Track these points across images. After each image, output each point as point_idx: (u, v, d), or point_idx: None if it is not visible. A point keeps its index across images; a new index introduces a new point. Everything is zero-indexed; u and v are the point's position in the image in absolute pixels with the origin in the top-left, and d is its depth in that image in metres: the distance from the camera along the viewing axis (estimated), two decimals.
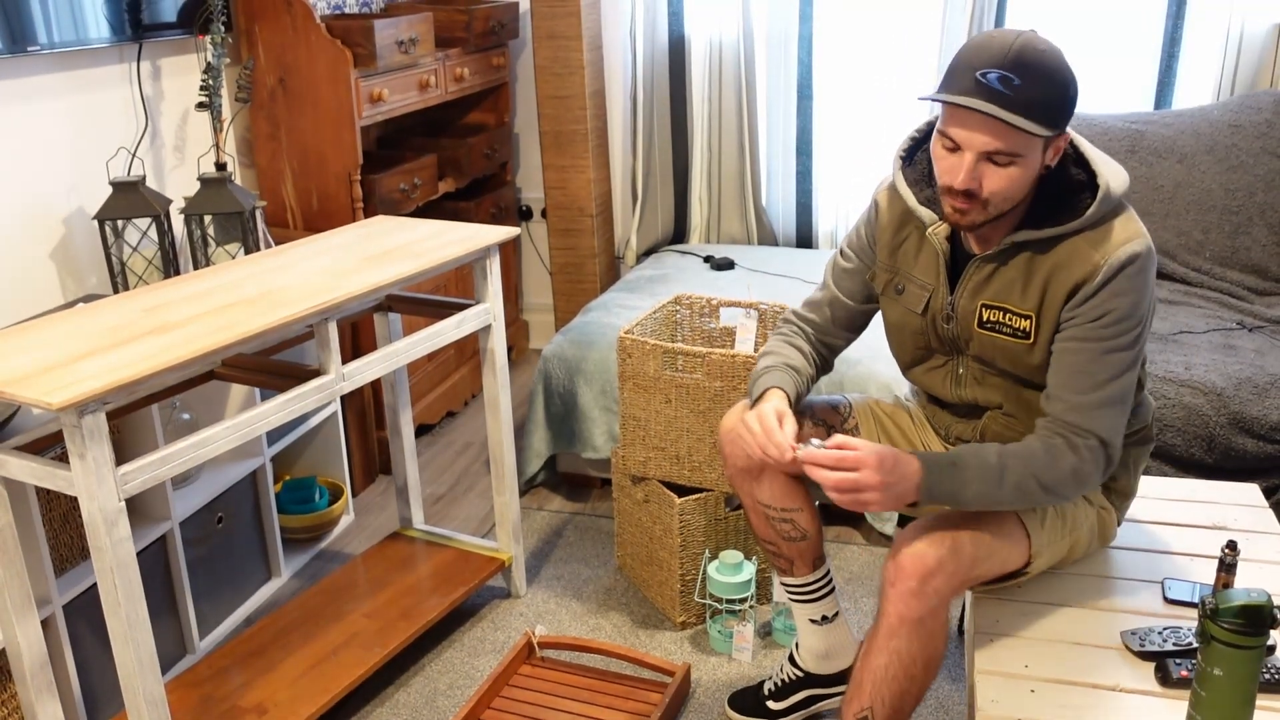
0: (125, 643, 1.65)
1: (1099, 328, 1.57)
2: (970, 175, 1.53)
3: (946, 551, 1.58)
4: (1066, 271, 1.59)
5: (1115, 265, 1.55)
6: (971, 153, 1.52)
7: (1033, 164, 1.54)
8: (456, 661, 2.35)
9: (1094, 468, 1.60)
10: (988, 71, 1.48)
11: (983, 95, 1.48)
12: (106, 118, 2.56)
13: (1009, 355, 1.67)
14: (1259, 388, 2.43)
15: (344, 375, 1.99)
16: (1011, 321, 1.65)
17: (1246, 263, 3.04)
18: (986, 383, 1.74)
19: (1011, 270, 1.64)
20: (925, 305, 1.74)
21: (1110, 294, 1.56)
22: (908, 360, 1.86)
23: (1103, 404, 1.59)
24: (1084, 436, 1.59)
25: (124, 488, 1.60)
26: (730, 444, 1.91)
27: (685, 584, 2.42)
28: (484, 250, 2.27)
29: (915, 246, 1.75)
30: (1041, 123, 1.49)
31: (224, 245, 2.52)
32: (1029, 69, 1.47)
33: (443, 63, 3.29)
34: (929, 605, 1.58)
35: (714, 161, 3.74)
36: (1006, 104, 1.47)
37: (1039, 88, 1.48)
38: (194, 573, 2.35)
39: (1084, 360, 1.59)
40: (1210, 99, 3.27)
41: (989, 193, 1.54)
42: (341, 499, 2.85)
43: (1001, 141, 1.50)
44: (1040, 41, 1.51)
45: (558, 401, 2.90)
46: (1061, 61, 1.51)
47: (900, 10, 3.47)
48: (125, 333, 1.74)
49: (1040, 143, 1.53)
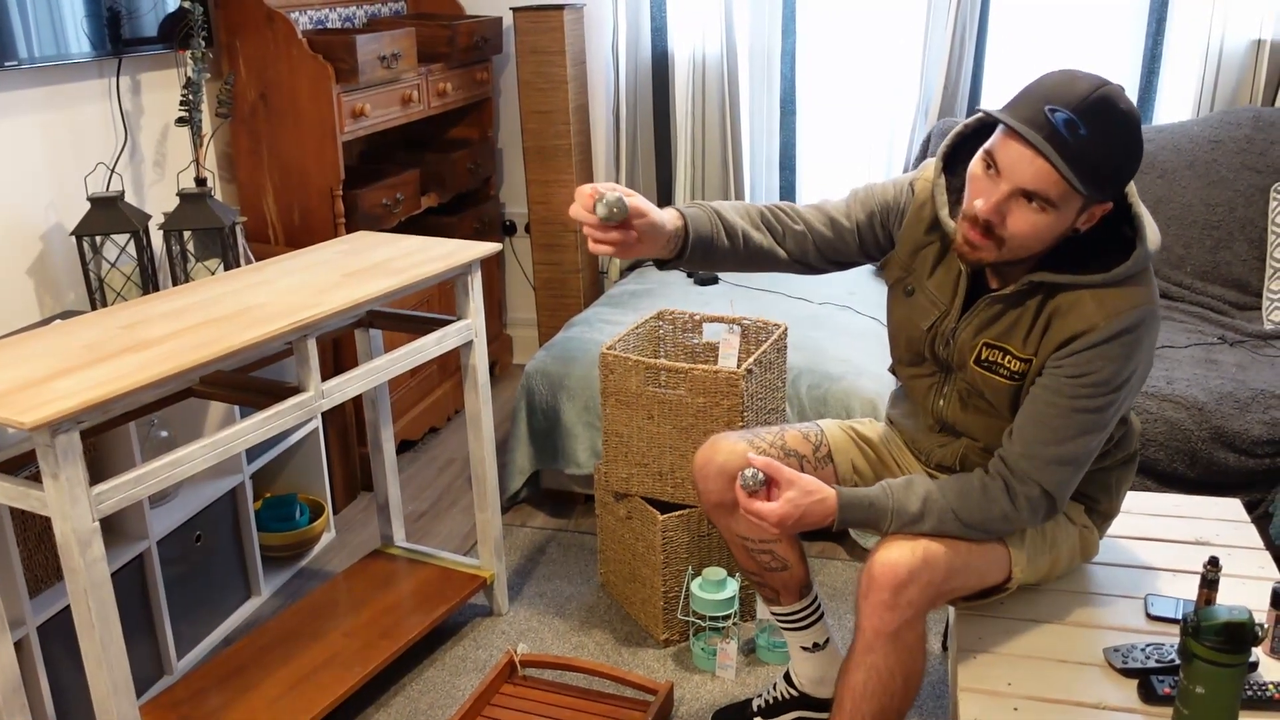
0: (99, 665, 1.63)
1: (1076, 385, 1.54)
2: (997, 206, 1.47)
3: (919, 562, 1.57)
4: (1064, 321, 1.54)
5: (1113, 331, 1.50)
6: (1009, 184, 1.45)
7: (1064, 220, 1.48)
8: (438, 681, 2.33)
9: (1028, 517, 1.60)
10: (1058, 110, 1.41)
11: (1044, 132, 1.41)
12: (85, 133, 2.54)
13: (999, 395, 1.65)
14: (1240, 402, 2.44)
15: (324, 392, 1.97)
16: (1009, 364, 1.61)
17: (1227, 277, 3.06)
18: (969, 407, 1.72)
19: (1019, 312, 1.59)
20: (932, 323, 1.70)
21: (1096, 356, 1.52)
22: (899, 358, 1.83)
23: (1057, 460, 1.57)
24: (1027, 485, 1.59)
25: (98, 507, 1.58)
26: (704, 479, 1.88)
27: (668, 601, 2.40)
28: (466, 266, 2.26)
29: (936, 255, 1.68)
30: (1089, 183, 1.42)
31: (203, 261, 2.50)
32: (1099, 123, 1.40)
33: (426, 77, 3.28)
34: (903, 617, 1.57)
35: (697, 176, 3.74)
36: (1063, 149, 1.40)
37: (1102, 147, 1.41)
38: (172, 592, 2.33)
39: (1053, 414, 1.56)
40: (1190, 114, 3.29)
41: (1010, 232, 1.48)
42: (322, 516, 2.83)
43: (1042, 185, 1.43)
44: (1123, 100, 1.43)
45: (540, 417, 2.88)
46: (1136, 128, 1.44)
47: (883, 27, 3.49)
48: (101, 350, 1.72)
49: (1080, 201, 1.46)
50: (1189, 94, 3.30)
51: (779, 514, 1.63)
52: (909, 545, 1.59)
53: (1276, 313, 2.88)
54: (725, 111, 3.62)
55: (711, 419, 2.31)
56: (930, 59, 3.41)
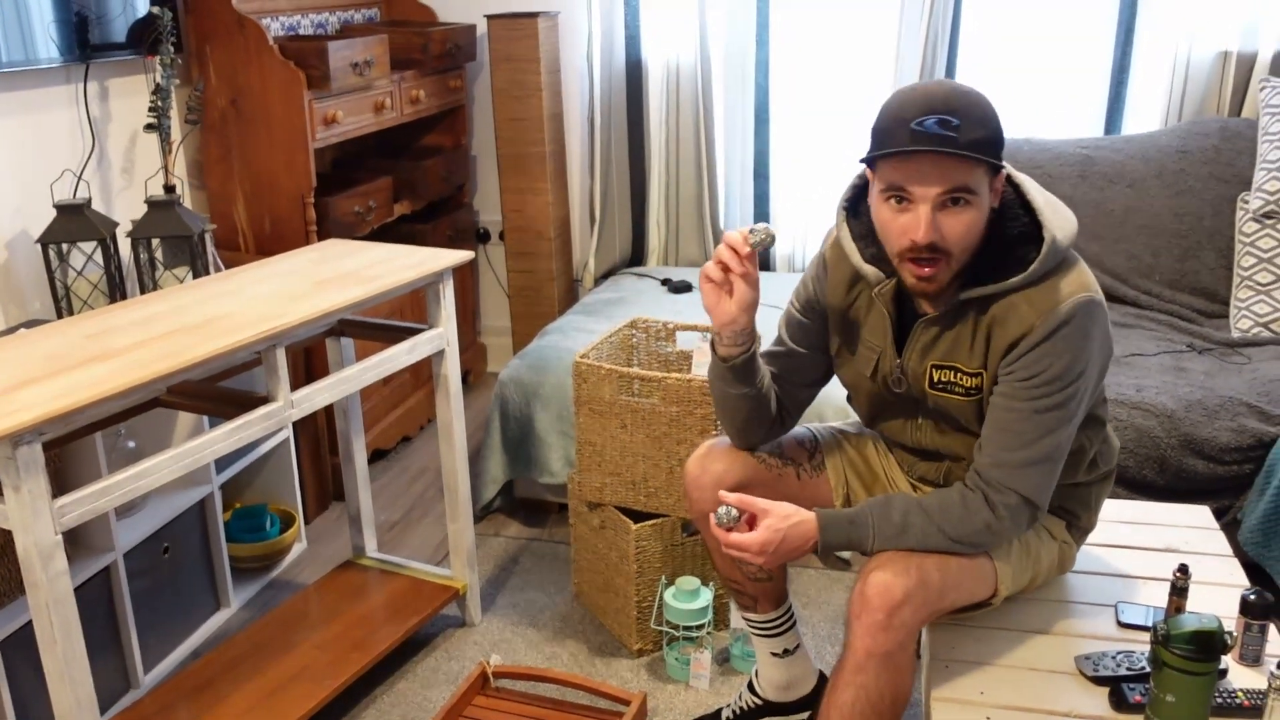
0: (62, 681, 1.60)
1: (1029, 388, 1.55)
2: (931, 227, 1.48)
3: (914, 583, 1.56)
4: (1004, 329, 1.56)
5: (1051, 326, 1.52)
6: (927, 203, 1.48)
7: (984, 206, 1.51)
8: (409, 693, 2.31)
9: (1010, 525, 1.60)
10: (923, 119, 1.45)
11: (927, 141, 1.44)
12: (52, 139, 2.51)
13: (964, 414, 1.66)
14: (1209, 410, 2.46)
15: (293, 402, 1.95)
16: (962, 381, 1.63)
17: (1196, 286, 3.08)
18: (947, 434, 1.72)
19: (958, 329, 1.61)
20: (874, 368, 1.72)
21: (1042, 354, 1.53)
22: (868, 414, 1.84)
23: (1029, 463, 1.58)
24: (1004, 494, 1.59)
25: (61, 520, 1.56)
26: (697, 489, 1.87)
27: (642, 611, 2.39)
28: (437, 274, 2.24)
29: (865, 306, 1.71)
30: (988, 152, 1.47)
31: (172, 269, 2.48)
32: (963, 109, 1.45)
33: (399, 85, 3.27)
34: (897, 639, 1.56)
35: (672, 184, 3.74)
36: (953, 143, 1.44)
37: (978, 125, 1.46)
38: (139, 605, 2.30)
39: (1014, 419, 1.57)
40: (1159, 124, 3.33)
41: (951, 242, 1.49)
42: (293, 527, 2.80)
43: (958, 179, 1.46)
44: (963, 85, 1.50)
45: (514, 426, 2.87)
46: (987, 100, 1.50)
47: (856, 36, 3.50)
48: (65, 360, 1.70)
49: (986, 183, 1.50)
50: (1157, 105, 3.33)
51: (760, 541, 1.63)
52: (903, 565, 1.57)
53: (1244, 321, 2.91)
54: (699, 120, 3.62)
55: (685, 428, 2.30)
56: (903, 69, 3.42)
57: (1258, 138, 3.02)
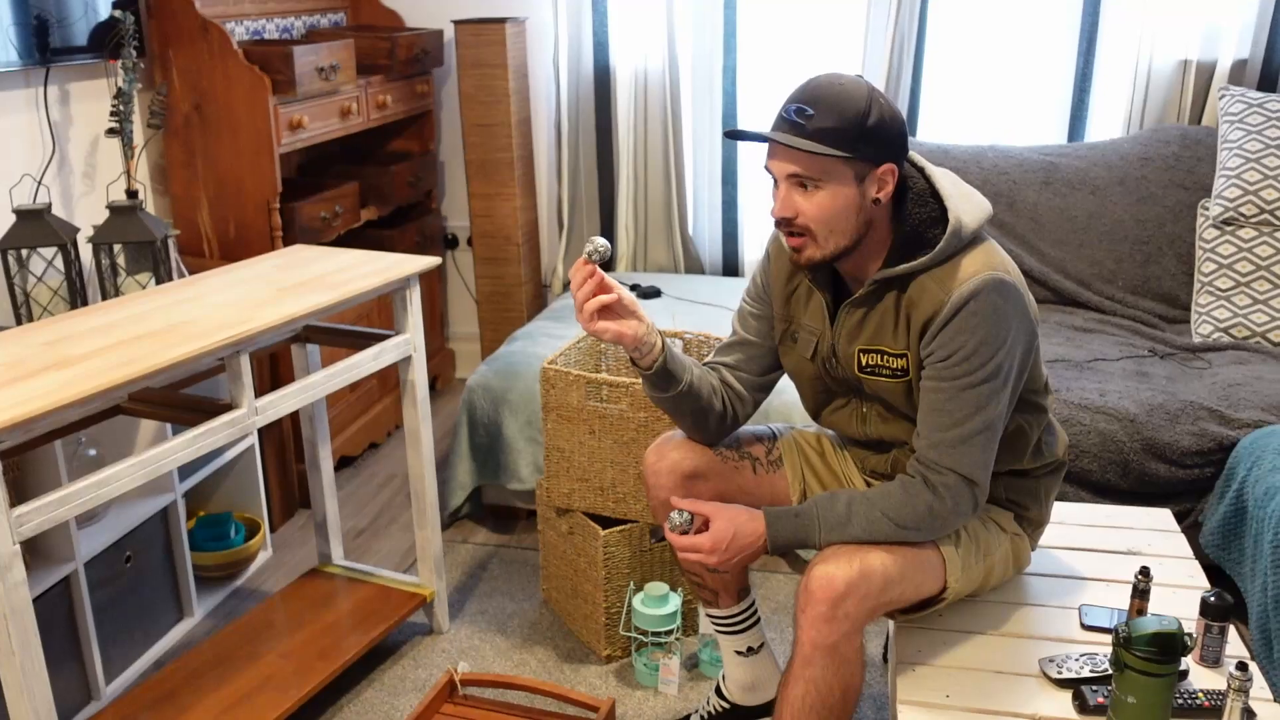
0: (20, 693, 1.58)
1: (949, 366, 1.59)
2: (784, 203, 1.60)
3: (856, 574, 1.58)
4: (918, 310, 1.62)
5: (957, 303, 1.57)
6: (783, 182, 1.61)
7: (845, 193, 1.58)
8: (376, 702, 2.29)
9: (952, 505, 1.62)
10: (790, 106, 1.58)
11: (780, 127, 1.59)
12: (11, 143, 2.48)
13: (896, 396, 1.70)
14: (1170, 414, 2.49)
15: (257, 409, 1.93)
16: (889, 363, 1.68)
17: (1157, 291, 3.13)
18: (890, 420, 1.75)
19: (880, 312, 1.66)
20: (814, 350, 1.77)
21: (955, 332, 1.58)
22: (813, 405, 1.87)
23: (962, 441, 1.60)
24: (942, 474, 1.61)
25: (19, 530, 1.53)
26: (654, 475, 1.90)
27: (610, 617, 2.39)
28: (404, 280, 2.23)
29: (806, 294, 1.79)
30: (836, 147, 1.54)
31: (134, 275, 2.45)
32: (821, 100, 1.56)
33: (365, 90, 3.25)
34: (841, 630, 1.58)
35: (640, 190, 3.74)
36: (798, 131, 1.55)
37: (830, 116, 1.55)
38: (100, 615, 2.26)
39: (941, 399, 1.61)
40: (1121, 132, 3.37)
41: (805, 219, 1.59)
42: (258, 535, 2.78)
43: (798, 165, 1.57)
44: (845, 79, 1.58)
45: (482, 432, 2.86)
46: (860, 94, 1.56)
47: (822, 44, 3.53)
48: (22, 368, 1.67)
49: (848, 172, 1.57)
50: (1119, 112, 3.37)
51: (712, 539, 1.69)
52: (846, 558, 1.59)
53: (1204, 326, 2.95)
54: (668, 126, 3.62)
55: (652, 434, 2.30)
56: (869, 76, 3.45)
57: (1217, 145, 3.07)
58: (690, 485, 1.88)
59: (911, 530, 1.63)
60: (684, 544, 1.71)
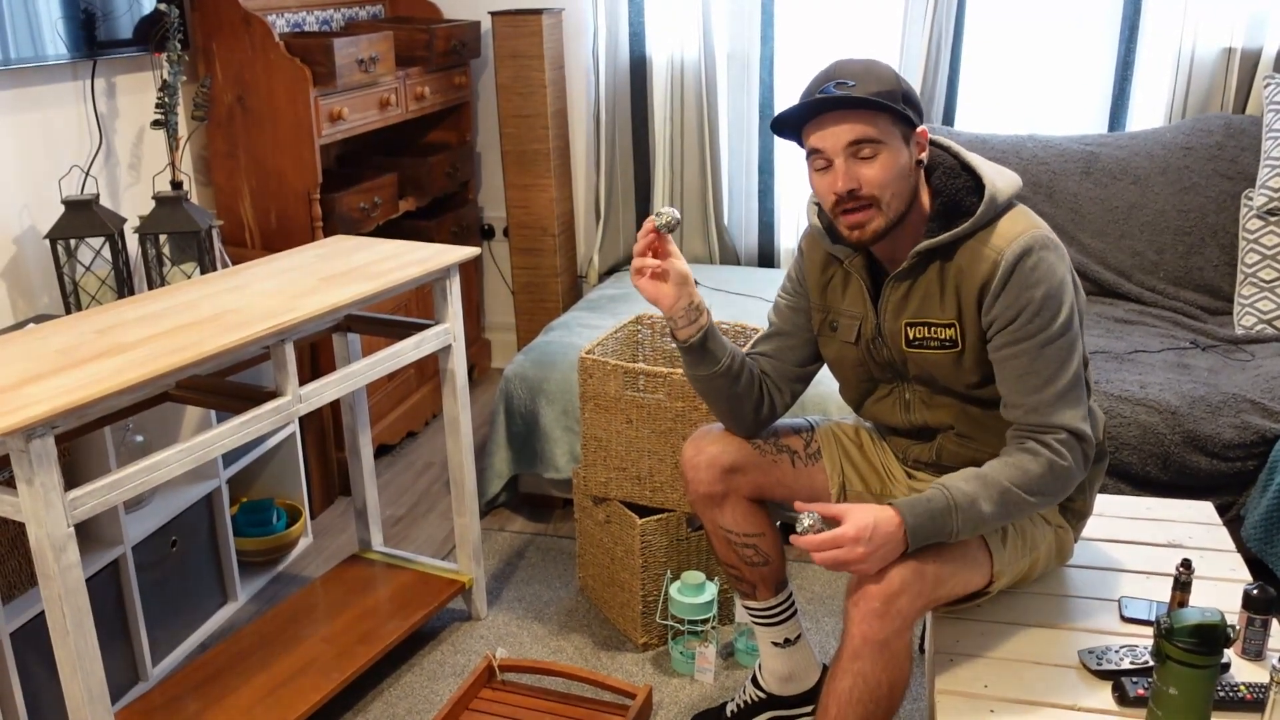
0: (74, 672, 1.62)
1: (1021, 326, 1.60)
2: (847, 175, 1.59)
3: (910, 572, 1.57)
4: (970, 275, 1.63)
5: (1011, 260, 1.59)
6: (840, 156, 1.60)
7: (900, 154, 1.60)
8: (416, 686, 2.33)
9: (1071, 459, 1.61)
10: (827, 84, 1.59)
11: (829, 101, 1.58)
12: (59, 136, 2.52)
13: (944, 370, 1.70)
14: (1212, 406, 2.47)
15: (301, 397, 1.96)
16: (937, 334, 1.68)
17: (1200, 283, 3.09)
18: (935, 404, 1.75)
19: (925, 284, 1.68)
20: (857, 334, 1.78)
21: (1017, 290, 1.59)
22: (855, 395, 1.87)
23: (1059, 397, 1.61)
24: (1052, 432, 1.61)
25: (73, 513, 1.57)
26: (693, 469, 1.91)
27: (647, 605, 2.40)
28: (444, 270, 2.25)
29: (842, 282, 1.80)
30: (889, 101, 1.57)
31: (179, 265, 2.49)
32: (857, 72, 1.59)
33: (403, 81, 3.28)
34: (893, 626, 1.57)
35: (676, 180, 3.75)
36: (849, 99, 1.57)
37: (873, 81, 1.58)
38: (147, 598, 2.31)
39: (1024, 363, 1.61)
40: (1162, 121, 3.33)
41: (870, 187, 1.60)
42: (299, 521, 2.82)
43: (861, 129, 1.57)
44: (866, 60, 1.63)
45: (519, 421, 2.88)
46: (885, 66, 1.62)
47: (860, 35, 3.50)
48: (76, 355, 1.71)
49: (898, 132, 1.60)
50: (1161, 101, 3.33)
51: (855, 528, 1.53)
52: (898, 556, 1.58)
53: (1248, 318, 2.91)
54: (704, 116, 3.62)
55: (690, 423, 2.31)
56: (906, 66, 3.43)
57: (1262, 134, 3.03)
58: (729, 479, 1.88)
59: (1039, 496, 1.59)
60: (824, 540, 1.54)
